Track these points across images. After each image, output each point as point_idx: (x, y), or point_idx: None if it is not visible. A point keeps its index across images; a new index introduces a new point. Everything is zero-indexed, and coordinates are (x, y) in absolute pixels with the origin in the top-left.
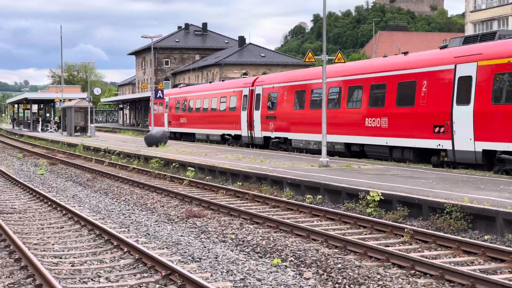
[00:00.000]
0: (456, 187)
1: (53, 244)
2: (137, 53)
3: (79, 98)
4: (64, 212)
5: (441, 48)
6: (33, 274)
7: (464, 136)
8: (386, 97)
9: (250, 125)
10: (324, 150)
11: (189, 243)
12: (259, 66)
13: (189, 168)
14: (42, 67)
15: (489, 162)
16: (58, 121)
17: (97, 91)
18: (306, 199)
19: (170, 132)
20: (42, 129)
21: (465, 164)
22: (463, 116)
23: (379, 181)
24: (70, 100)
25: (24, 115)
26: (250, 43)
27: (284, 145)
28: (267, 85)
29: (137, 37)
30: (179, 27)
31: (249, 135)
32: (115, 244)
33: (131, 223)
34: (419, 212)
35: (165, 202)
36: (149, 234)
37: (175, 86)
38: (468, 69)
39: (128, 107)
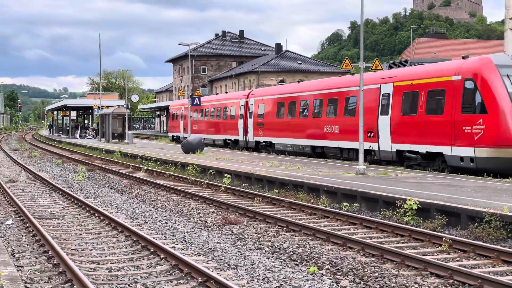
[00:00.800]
0: (495, 195)
1: (90, 250)
2: (174, 61)
3: (117, 105)
4: (101, 218)
5: (375, 71)
6: (71, 280)
7: (385, 140)
8: (338, 109)
9: (245, 131)
10: (361, 158)
11: (225, 250)
12: (296, 73)
13: (225, 175)
14: (81, 74)
15: (401, 159)
16: (96, 127)
17: (134, 98)
18: (343, 207)
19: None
20: (80, 136)
21: (386, 161)
22: (384, 124)
23: (417, 189)
24: (108, 107)
25: (63, 121)
26: (287, 50)
27: (270, 148)
28: (258, 97)
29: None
30: (216, 34)
31: (244, 139)
32: (152, 250)
33: (168, 229)
34: (458, 221)
35: (202, 209)
36: (185, 241)
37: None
38: (387, 88)
39: (165, 114)
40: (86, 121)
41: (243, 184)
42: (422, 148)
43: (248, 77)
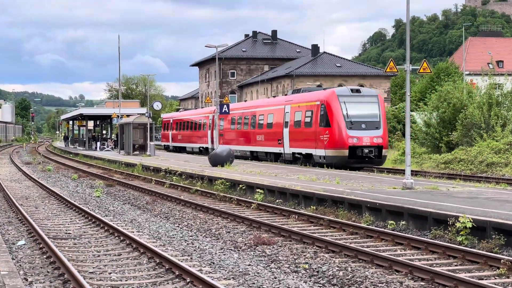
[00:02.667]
0: None
1: (110, 273)
2: (200, 64)
3: (138, 114)
4: (121, 238)
5: (286, 95)
6: None
7: (287, 145)
8: (260, 122)
9: (212, 141)
10: (407, 171)
11: (258, 273)
12: (335, 77)
13: (257, 190)
14: (98, 80)
15: (296, 159)
16: (115, 138)
17: (157, 105)
18: (388, 225)
19: (173, 146)
20: (99, 148)
21: (288, 161)
22: (286, 134)
23: (471, 205)
24: (128, 116)
25: (79, 132)
26: (325, 52)
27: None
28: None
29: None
30: (246, 35)
31: (211, 147)
32: (177, 273)
33: (194, 250)
34: None
35: (231, 228)
36: (213, 263)
37: (177, 110)
38: (288, 109)
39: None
40: (104, 131)
41: (277, 200)
42: (303, 150)
43: (282, 81)
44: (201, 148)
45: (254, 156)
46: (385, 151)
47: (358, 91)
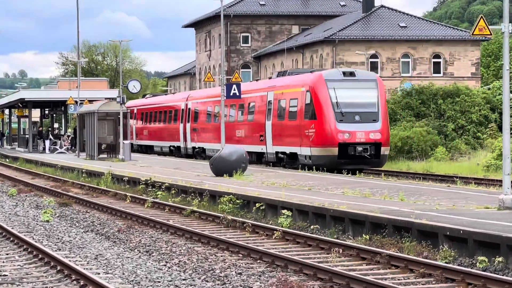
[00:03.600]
0: None
1: None
2: (197, 25)
3: (106, 99)
4: (82, 282)
5: (270, 78)
6: None
7: (269, 143)
8: (240, 114)
9: (185, 137)
10: (506, 182)
11: None
12: (397, 42)
13: (282, 211)
14: (46, 49)
15: (280, 159)
16: (73, 135)
17: (133, 86)
18: (478, 263)
19: (137, 145)
20: (48, 148)
21: (272, 163)
22: (268, 129)
23: None
24: (91, 101)
25: (19, 125)
26: (382, 6)
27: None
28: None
29: None
30: None
31: (184, 146)
32: None
33: None
34: None
35: (244, 267)
36: None
37: (143, 96)
38: (271, 96)
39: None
40: (56, 125)
41: (312, 227)
42: (287, 149)
43: (318, 49)
44: (171, 147)
45: None
46: (384, 149)
47: (352, 74)
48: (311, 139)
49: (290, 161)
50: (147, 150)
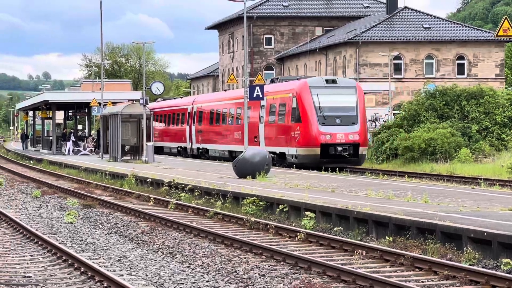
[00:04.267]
0: None
1: None
2: (220, 27)
3: (129, 101)
4: (105, 284)
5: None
6: None
7: (262, 143)
8: (238, 117)
9: (191, 139)
10: None
11: None
12: (421, 44)
13: (306, 213)
14: (70, 51)
15: (272, 159)
16: (96, 137)
17: (157, 88)
18: (502, 266)
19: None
20: (72, 150)
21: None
22: (261, 131)
23: None
24: (114, 103)
25: (43, 127)
26: (406, 8)
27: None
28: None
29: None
30: None
31: (190, 146)
32: None
33: None
34: None
35: (268, 269)
36: None
37: (155, 100)
38: (264, 101)
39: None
40: (80, 127)
41: (335, 228)
42: (277, 149)
43: (341, 51)
44: (179, 148)
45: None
46: (363, 149)
47: (334, 81)
48: (297, 140)
49: (279, 160)
50: (158, 151)
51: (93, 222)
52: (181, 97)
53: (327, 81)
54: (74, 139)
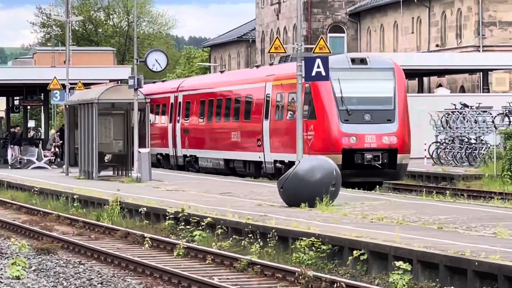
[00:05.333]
0: None
1: None
2: None
3: (111, 81)
4: None
5: (272, 64)
6: None
7: (267, 149)
8: (236, 111)
9: (174, 142)
10: None
11: None
12: None
13: (397, 263)
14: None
15: (279, 170)
16: (59, 140)
17: (155, 61)
18: None
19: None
20: (19, 161)
21: (270, 174)
22: (265, 131)
23: None
24: (88, 85)
25: None
26: None
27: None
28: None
29: None
30: None
31: (173, 154)
32: None
33: None
34: None
35: None
36: None
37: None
38: (269, 88)
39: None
40: (32, 123)
41: None
42: (286, 157)
43: (453, 1)
44: (158, 156)
45: (230, 169)
46: (402, 157)
47: (363, 61)
48: (310, 144)
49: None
50: None
51: (53, 277)
52: (163, 81)
53: (353, 60)
54: (22, 143)
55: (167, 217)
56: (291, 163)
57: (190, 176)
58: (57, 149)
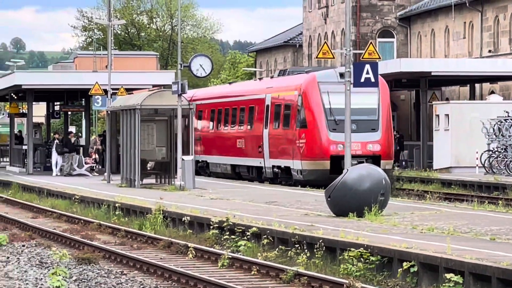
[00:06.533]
0: None
1: None
2: None
3: (154, 87)
4: None
5: (272, 77)
6: None
7: (267, 155)
8: (241, 120)
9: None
10: None
11: None
12: None
13: (448, 275)
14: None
15: (277, 175)
16: (100, 146)
17: (200, 66)
18: None
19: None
20: (60, 169)
21: (270, 179)
22: (265, 139)
23: None
24: (130, 91)
25: (11, 128)
26: None
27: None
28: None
29: None
30: None
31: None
32: None
33: None
34: None
35: None
36: None
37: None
38: (268, 99)
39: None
40: (72, 129)
41: None
42: (282, 163)
43: (506, 5)
44: None
45: (237, 173)
46: (385, 163)
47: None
48: (302, 151)
49: (285, 177)
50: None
51: (94, 287)
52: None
53: (341, 75)
54: (73, 152)
55: (211, 227)
56: (287, 168)
57: (234, 184)
58: (96, 156)
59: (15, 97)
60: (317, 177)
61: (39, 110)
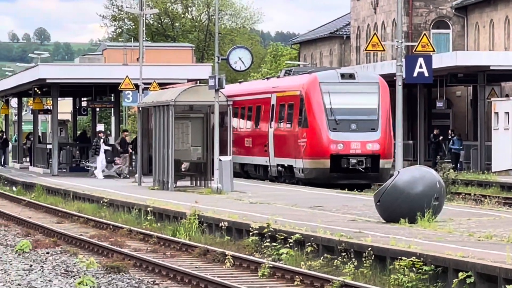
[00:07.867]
0: None
1: None
2: None
3: (189, 81)
4: None
5: (278, 77)
6: None
7: (272, 154)
8: (249, 119)
9: None
10: None
11: None
12: None
13: (508, 286)
14: None
15: (281, 174)
16: (131, 145)
17: (239, 59)
18: None
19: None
20: (86, 168)
21: (274, 177)
22: (270, 138)
23: None
24: (163, 85)
25: (35, 127)
26: None
27: None
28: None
29: None
30: None
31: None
32: None
33: None
34: None
35: None
36: None
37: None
38: (274, 99)
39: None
40: (101, 127)
41: None
42: (286, 161)
43: None
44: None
45: (245, 172)
46: (385, 162)
47: (351, 76)
48: (303, 150)
49: (289, 175)
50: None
51: None
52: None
53: (342, 75)
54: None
55: (251, 233)
56: (290, 167)
57: (275, 187)
58: (127, 155)
59: (39, 92)
60: (317, 176)
61: (65, 106)
